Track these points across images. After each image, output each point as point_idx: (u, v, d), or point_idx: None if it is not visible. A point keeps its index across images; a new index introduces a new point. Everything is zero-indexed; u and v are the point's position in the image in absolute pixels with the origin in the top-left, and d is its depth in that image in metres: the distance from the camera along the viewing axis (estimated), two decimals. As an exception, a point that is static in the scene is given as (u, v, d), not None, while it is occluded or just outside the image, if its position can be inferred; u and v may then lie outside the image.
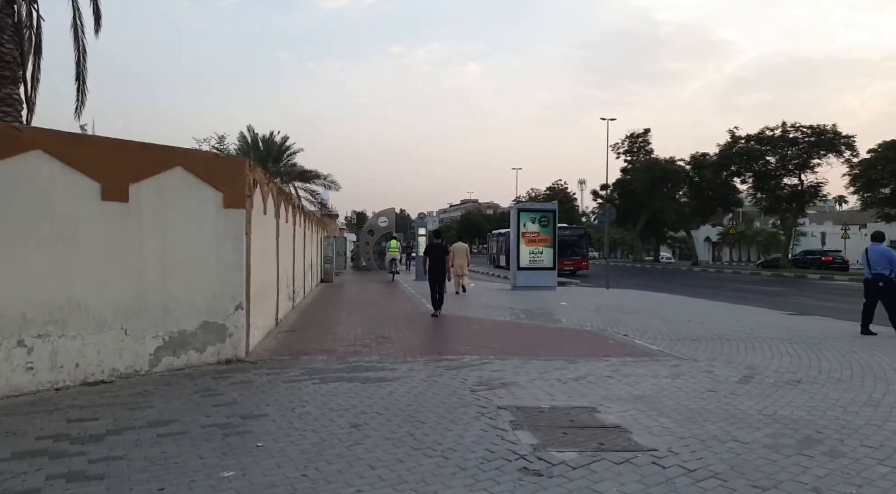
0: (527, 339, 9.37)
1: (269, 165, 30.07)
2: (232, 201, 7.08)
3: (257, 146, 30.57)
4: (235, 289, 7.09)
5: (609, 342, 9.10)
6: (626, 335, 9.91)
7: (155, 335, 6.41)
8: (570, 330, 10.42)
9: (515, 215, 20.44)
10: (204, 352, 6.83)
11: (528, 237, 20.43)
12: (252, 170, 7.67)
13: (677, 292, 21.16)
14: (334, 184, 32.80)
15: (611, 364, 7.33)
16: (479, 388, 5.96)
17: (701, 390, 6.05)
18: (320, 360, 7.37)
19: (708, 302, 16.47)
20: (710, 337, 9.82)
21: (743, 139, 37.99)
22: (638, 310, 13.69)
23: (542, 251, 20.53)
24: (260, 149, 30.50)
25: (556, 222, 20.96)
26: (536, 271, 20.40)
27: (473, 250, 66.70)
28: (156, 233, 6.48)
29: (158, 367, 6.42)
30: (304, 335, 9.47)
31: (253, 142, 30.60)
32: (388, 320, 11.55)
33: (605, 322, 11.53)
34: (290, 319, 11.45)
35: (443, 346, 8.56)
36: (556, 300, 15.96)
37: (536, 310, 13.56)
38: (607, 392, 5.88)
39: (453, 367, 7.03)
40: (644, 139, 50.75)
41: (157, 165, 6.47)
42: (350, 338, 9.14)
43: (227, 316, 7.02)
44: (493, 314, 12.87)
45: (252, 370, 6.73)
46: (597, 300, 16.04)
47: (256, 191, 8.07)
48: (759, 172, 37.51)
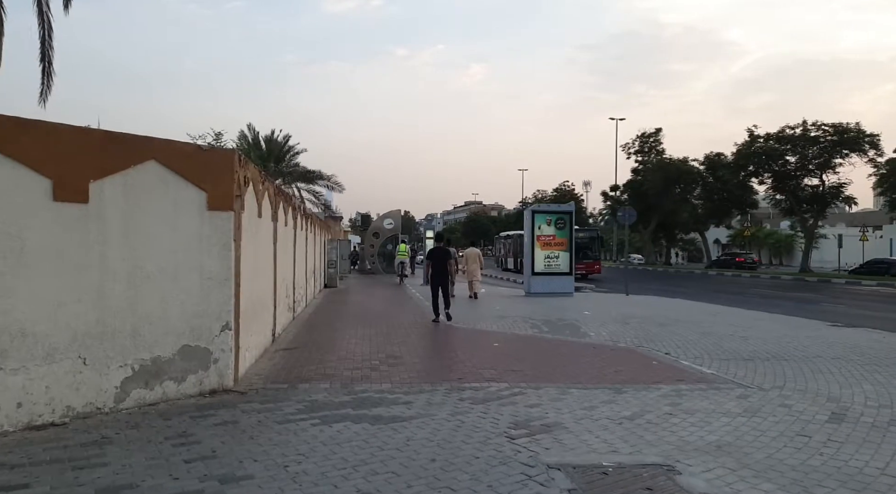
0: (557, 359, 8.23)
1: (271, 165, 28.96)
2: (218, 202, 5.97)
3: (258, 145, 29.46)
4: (221, 306, 5.98)
5: (653, 364, 7.96)
6: (669, 354, 8.76)
7: (122, 363, 5.31)
8: (603, 347, 9.27)
9: (530, 217, 19.32)
10: (183, 382, 5.72)
11: (543, 241, 19.32)
12: (243, 165, 6.56)
13: (701, 298, 19.99)
14: (338, 185, 31.75)
15: (665, 395, 6.19)
16: (518, 433, 4.83)
17: (790, 434, 4.91)
18: (322, 389, 6.25)
19: (742, 311, 15.28)
20: (764, 356, 8.67)
21: (762, 138, 36.67)
22: (671, 321, 12.54)
23: (558, 256, 19.41)
24: (262, 148, 29.38)
25: (573, 224, 19.83)
26: (552, 276, 19.28)
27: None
28: (123, 241, 5.38)
29: (126, 402, 5.31)
30: (304, 354, 8.35)
31: (254, 141, 29.49)
32: (398, 333, 10.43)
33: (640, 337, 10.38)
34: (290, 333, 10.34)
35: (463, 369, 7.43)
36: (576, 309, 14.81)
37: (558, 321, 12.42)
38: (677, 439, 4.74)
39: (480, 399, 5.90)
40: (656, 139, 49.52)
41: (125, 159, 5.37)
42: (356, 358, 8.02)
43: (212, 339, 5.91)
44: (511, 325, 11.73)
45: (240, 403, 5.62)
46: (622, 310, 14.88)
47: (248, 190, 6.97)
48: (779, 172, 36.16)
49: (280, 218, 9.80)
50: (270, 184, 8.86)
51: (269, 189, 8.69)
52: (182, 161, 5.76)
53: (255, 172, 7.38)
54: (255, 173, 7.37)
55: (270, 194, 8.75)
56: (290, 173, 30.15)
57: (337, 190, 31.75)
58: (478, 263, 18.81)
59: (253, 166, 7.29)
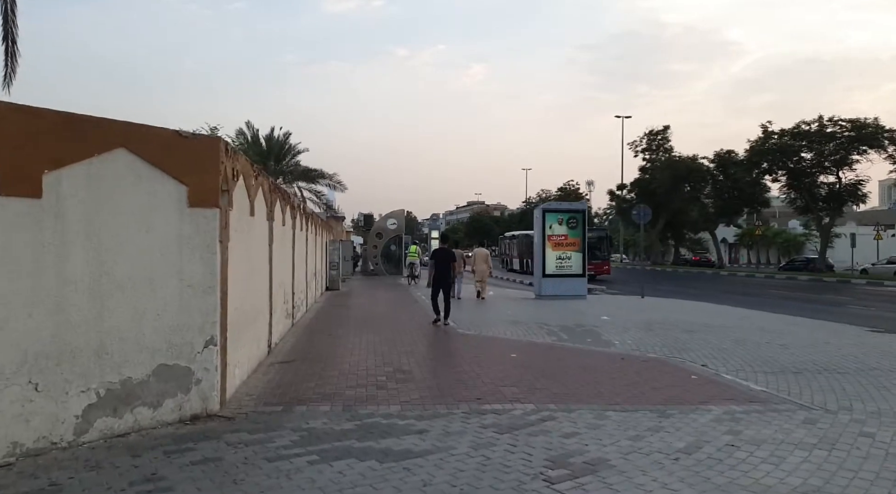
0: (585, 373, 7.38)
1: (271, 164, 28.09)
2: (201, 198, 5.15)
3: (258, 143, 28.55)
4: (205, 318, 5.16)
5: (693, 379, 7.11)
6: (706, 366, 7.92)
7: (84, 388, 4.49)
8: (632, 358, 8.43)
9: (540, 216, 18.47)
10: (159, 408, 4.90)
11: (554, 241, 18.48)
12: (231, 156, 5.74)
13: (720, 300, 19.13)
14: (340, 184, 30.84)
15: (718, 419, 5.34)
16: (557, 475, 3.99)
17: (888, 475, 4.06)
18: (321, 413, 5.42)
19: (770, 315, 14.42)
20: (813, 368, 7.83)
21: (776, 134, 35.64)
22: (698, 327, 11.68)
23: (570, 256, 18.58)
24: (261, 146, 28.48)
25: (586, 223, 18.98)
26: (564, 278, 18.44)
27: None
28: (86, 243, 4.56)
29: (90, 434, 4.49)
30: (302, 367, 7.52)
31: (253, 139, 28.59)
32: (405, 341, 9.60)
33: (669, 345, 9.54)
34: (288, 342, 9.51)
35: (481, 385, 6.59)
36: (593, 314, 13.97)
37: (577, 327, 11.58)
38: (752, 481, 3.90)
39: (505, 427, 5.07)
40: (664, 137, 48.56)
41: (87, 146, 4.55)
42: (360, 372, 7.19)
43: (193, 356, 5.09)
44: (527, 332, 10.89)
45: (226, 433, 4.79)
46: (642, 314, 14.03)
47: (238, 185, 6.14)
48: (794, 169, 35.13)
49: (276, 217, 8.97)
50: (265, 179, 8.04)
51: (264, 185, 7.87)
52: (158, 150, 4.93)
53: (245, 165, 6.55)
54: (245, 166, 6.55)
55: (265, 191, 7.92)
56: (290, 172, 29.27)
57: (339, 189, 30.93)
58: (486, 264, 18.50)
59: (244, 158, 6.46)
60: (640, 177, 49.37)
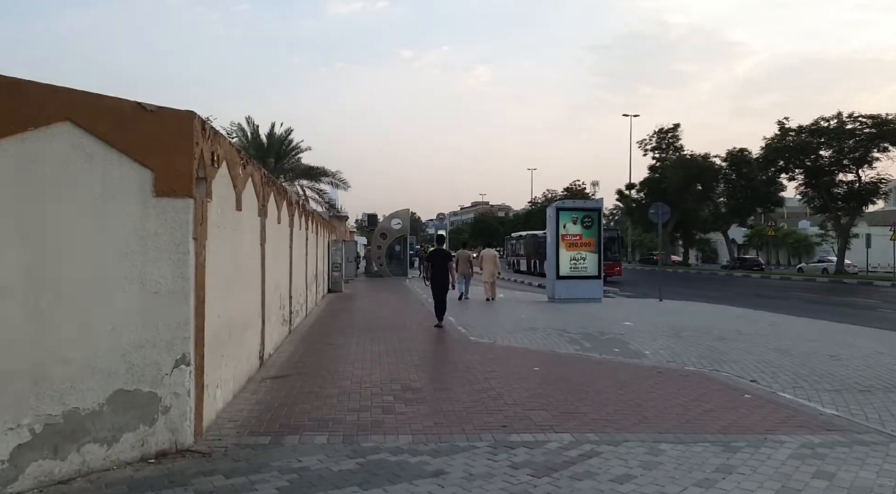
0: (622, 391, 6.42)
1: (271, 161, 27.14)
2: (169, 186, 4.22)
3: (258, 140, 27.55)
4: (175, 332, 4.22)
5: (747, 398, 6.14)
6: (756, 382, 6.97)
7: (14, 424, 3.56)
8: (670, 372, 7.47)
9: (554, 215, 17.51)
10: (115, 444, 3.96)
11: (568, 241, 17.52)
12: (210, 137, 4.80)
13: (741, 303, 18.13)
14: (343, 182, 29.83)
15: (799, 456, 4.38)
16: (624, 544, 3.04)
17: None
18: (317, 447, 4.48)
19: (803, 321, 13.42)
20: (880, 384, 6.88)
21: (793, 131, 34.48)
22: (730, 334, 10.71)
23: (584, 257, 17.62)
24: (261, 144, 27.49)
25: (602, 222, 18.01)
26: (579, 280, 17.48)
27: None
28: (19, 239, 3.63)
29: (21, 483, 3.56)
30: (297, 384, 6.58)
31: (253, 135, 27.59)
32: (413, 352, 8.67)
33: (706, 356, 8.59)
34: (284, 353, 8.58)
35: (504, 408, 5.64)
36: (613, 319, 13.01)
37: (599, 335, 10.62)
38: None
39: (541, 467, 4.11)
40: (673, 135, 47.45)
41: (20, 117, 3.63)
42: (363, 390, 6.25)
43: (160, 379, 4.16)
44: (546, 340, 9.94)
45: (197, 476, 3.85)
46: (666, 319, 13.05)
47: (220, 173, 5.21)
48: (812, 167, 33.96)
49: (271, 213, 8.05)
50: (256, 169, 7.11)
51: (255, 176, 6.94)
52: (114, 125, 4.00)
53: (230, 151, 5.62)
54: (230, 152, 5.61)
55: (256, 183, 6.99)
56: (291, 170, 28.28)
57: (342, 187, 29.93)
58: (494, 265, 18.23)
59: (227, 142, 5.53)
60: (649, 176, 48.27)
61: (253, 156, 26.01)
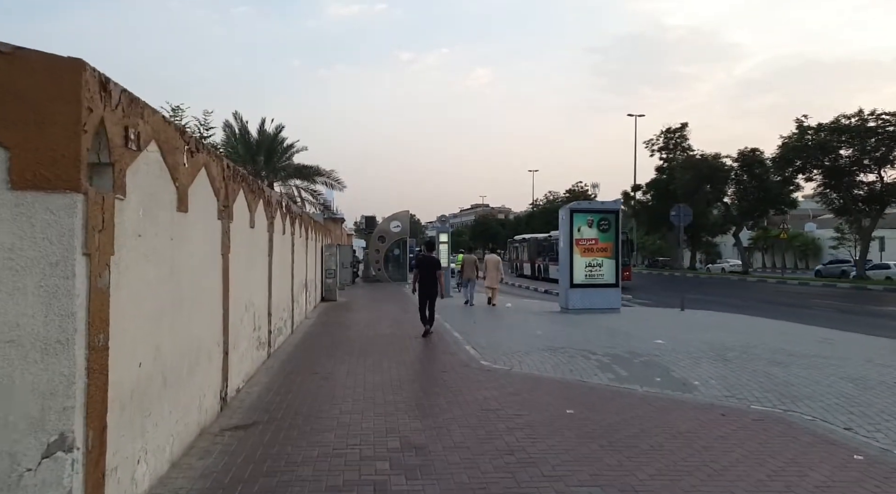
0: (692, 452, 4.86)
1: (261, 159, 25.48)
2: (38, 173, 2.71)
3: (247, 138, 25.81)
4: (45, 403, 2.71)
5: (858, 461, 4.61)
6: (852, 431, 5.45)
7: None
8: (735, 414, 5.94)
9: (567, 217, 15.98)
10: None
11: (583, 246, 16.01)
12: (120, 104, 3.28)
13: (769, 313, 16.63)
14: (338, 182, 28.05)
15: None
16: None
17: None
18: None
19: (862, 338, 11.86)
20: None
21: (812, 130, 32.82)
22: (782, 356, 9.17)
23: (601, 263, 16.10)
24: (250, 141, 25.74)
25: (620, 225, 16.49)
26: (594, 288, 15.96)
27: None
28: None
29: None
30: (263, 441, 5.04)
31: (241, 132, 25.78)
32: (416, 385, 7.15)
33: (769, 389, 7.06)
34: (257, 386, 7.04)
35: (539, 478, 4.11)
36: (639, 334, 11.48)
37: (631, 357, 9.10)
38: None
39: None
40: (681, 135, 45.94)
41: None
42: (349, 453, 4.72)
43: (18, 478, 2.63)
44: (571, 365, 8.42)
45: None
46: (699, 335, 11.52)
47: (143, 159, 3.68)
48: (832, 167, 32.31)
49: (239, 216, 6.52)
50: (215, 159, 5.57)
51: (212, 167, 5.40)
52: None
53: (164, 129, 4.08)
54: (164, 130, 4.07)
55: (214, 176, 5.46)
56: (283, 169, 26.58)
57: (337, 188, 28.20)
58: (497, 270, 18.09)
59: (159, 116, 3.98)
60: (656, 177, 46.71)
61: (241, 154, 24.44)
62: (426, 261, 11.61)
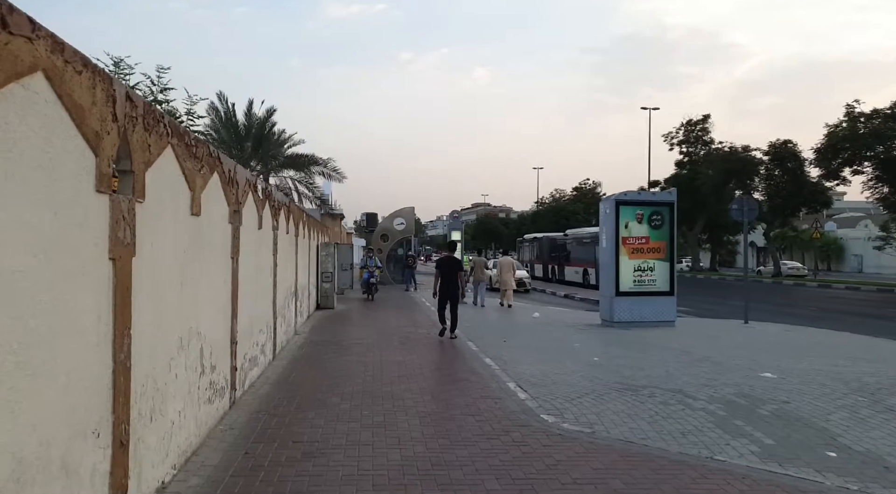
0: None
1: (248, 146, 22.55)
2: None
3: (233, 122, 22.74)
4: None
5: None
6: None
7: None
8: None
9: (612, 210, 13.33)
10: None
11: (631, 245, 13.37)
12: None
13: (857, 327, 13.99)
14: (336, 172, 24.89)
15: None
16: None
17: None
18: None
19: None
20: None
21: (864, 117, 29.86)
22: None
23: (653, 267, 13.47)
24: (237, 125, 22.68)
25: (675, 221, 13.84)
26: (645, 297, 13.32)
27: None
28: None
29: None
30: None
31: (226, 115, 22.78)
32: (459, 471, 4.49)
33: None
34: (198, 475, 4.35)
35: None
36: (730, 361, 8.82)
37: (746, 401, 6.45)
38: None
39: None
40: (703, 127, 43.22)
41: None
42: None
43: None
44: (672, 419, 5.76)
45: None
46: (814, 363, 8.82)
47: None
48: (886, 158, 29.30)
49: (213, 206, 3.85)
50: (172, 128, 2.92)
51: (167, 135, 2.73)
52: None
53: None
54: None
55: (176, 147, 2.78)
56: (273, 158, 23.59)
57: (335, 178, 25.25)
58: (511, 272, 18.23)
59: None
60: (676, 172, 43.99)
61: (225, 140, 21.61)
62: (448, 262, 11.46)
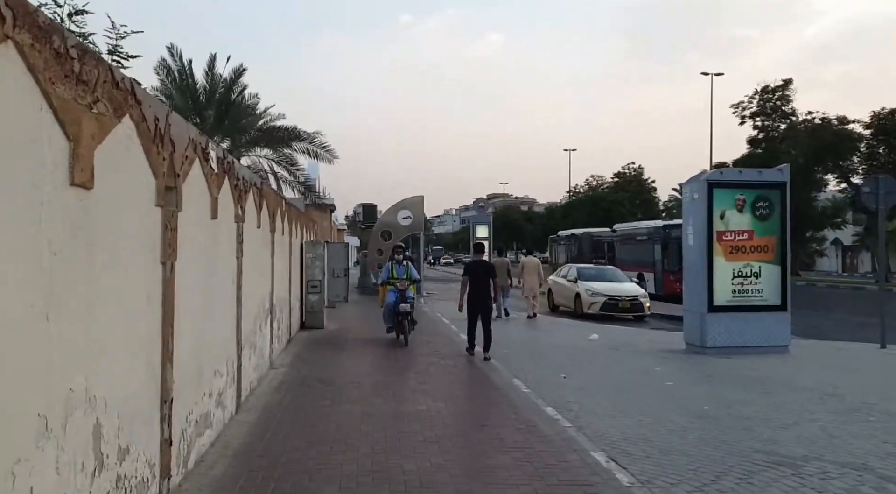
0: None
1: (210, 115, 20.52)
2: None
3: (188, 83, 20.45)
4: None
5: None
6: None
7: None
8: None
9: (703, 193, 11.70)
10: None
11: (728, 242, 11.74)
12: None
13: None
14: (325, 150, 22.68)
15: None
16: None
17: None
18: None
19: None
20: None
21: None
22: None
23: (758, 272, 11.85)
24: (194, 87, 20.59)
25: (788, 208, 12.18)
26: (748, 313, 11.67)
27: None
28: None
29: None
30: None
31: (181, 75, 20.51)
32: None
33: None
34: None
35: None
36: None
37: None
38: None
39: None
40: (783, 95, 41.42)
41: None
42: None
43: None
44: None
45: None
46: None
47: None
48: None
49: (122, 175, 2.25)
50: None
51: None
52: None
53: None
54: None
55: None
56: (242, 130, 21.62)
57: (324, 159, 23.28)
58: (537, 275, 18.19)
59: None
60: (749, 151, 42.17)
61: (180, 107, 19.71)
62: (477, 267, 11.32)
